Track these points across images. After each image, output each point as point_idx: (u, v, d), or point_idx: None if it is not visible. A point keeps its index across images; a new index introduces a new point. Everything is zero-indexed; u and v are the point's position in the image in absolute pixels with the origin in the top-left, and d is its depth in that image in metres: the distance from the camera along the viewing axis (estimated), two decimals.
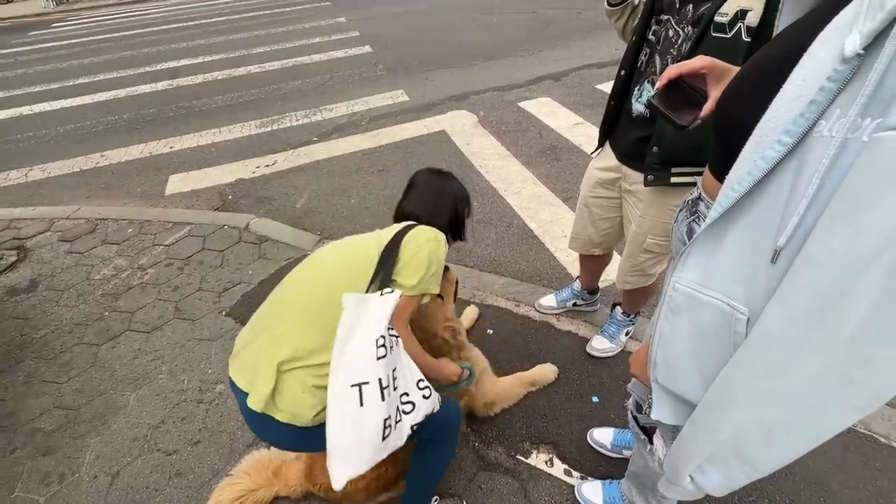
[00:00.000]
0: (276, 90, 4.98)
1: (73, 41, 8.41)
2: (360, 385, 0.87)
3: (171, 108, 4.77)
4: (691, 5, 1.01)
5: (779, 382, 0.40)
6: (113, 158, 3.82)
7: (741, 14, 0.90)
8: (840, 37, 0.35)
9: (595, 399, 1.64)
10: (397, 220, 1.24)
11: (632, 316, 1.78)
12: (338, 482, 0.86)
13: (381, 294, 0.97)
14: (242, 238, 2.60)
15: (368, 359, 0.88)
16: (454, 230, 1.26)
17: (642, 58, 1.17)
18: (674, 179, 1.17)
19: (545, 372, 1.69)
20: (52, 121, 4.68)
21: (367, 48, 6.17)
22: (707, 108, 0.72)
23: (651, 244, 1.36)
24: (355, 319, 0.91)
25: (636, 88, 1.21)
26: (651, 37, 1.14)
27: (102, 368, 1.88)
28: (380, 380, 0.88)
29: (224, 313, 2.11)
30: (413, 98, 4.48)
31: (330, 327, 0.91)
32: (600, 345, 1.79)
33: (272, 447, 1.43)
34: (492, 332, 1.94)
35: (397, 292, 0.97)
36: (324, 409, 0.91)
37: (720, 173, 0.57)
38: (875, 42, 0.32)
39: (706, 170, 0.70)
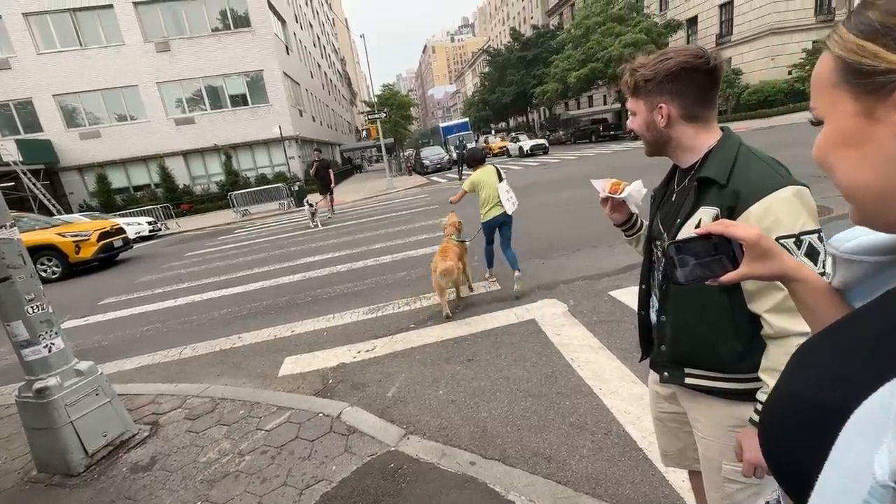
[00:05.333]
0: (385, 280, 5.73)
1: (245, 243, 11.00)
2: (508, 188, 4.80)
3: (300, 296, 5.68)
4: (666, 234, 1.17)
5: None
6: (247, 340, 4.50)
7: None
8: (868, 438, 0.31)
9: None
10: (478, 164, 4.96)
11: None
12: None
13: (502, 180, 4.73)
14: (333, 428, 2.68)
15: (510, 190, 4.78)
16: None
17: (651, 274, 1.31)
18: (688, 381, 1.16)
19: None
20: (213, 307, 5.83)
21: (466, 242, 7.01)
22: (730, 277, 0.70)
23: (730, 472, 1.15)
24: (507, 184, 4.79)
25: (651, 300, 1.30)
26: (653, 258, 1.29)
27: None
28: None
29: None
30: (504, 287, 4.78)
31: (495, 188, 4.69)
32: None
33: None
34: None
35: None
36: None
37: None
38: None
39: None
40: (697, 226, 1.03)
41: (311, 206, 11.84)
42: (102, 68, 21.25)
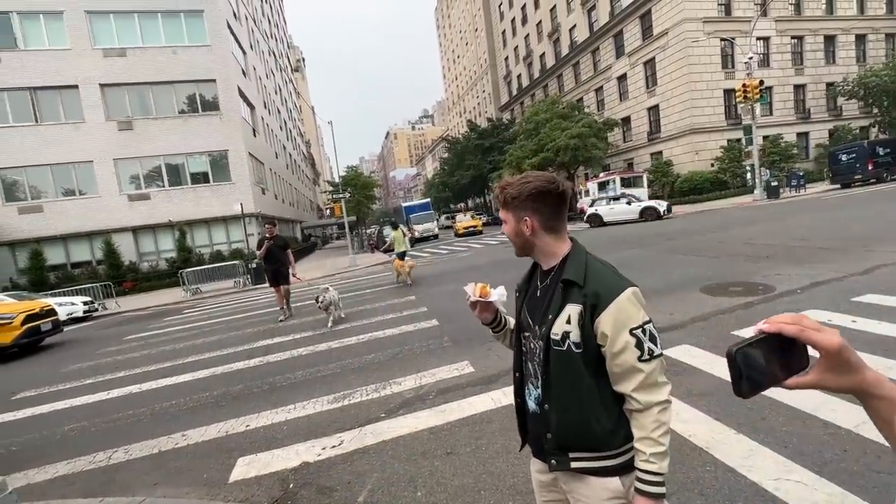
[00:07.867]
0: (351, 364, 5.40)
1: (193, 325, 10.23)
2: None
3: (256, 383, 5.21)
4: (537, 327, 1.29)
5: None
6: (192, 438, 3.97)
7: (566, 334, 1.20)
8: None
9: None
10: (395, 227, 12.47)
11: None
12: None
13: (405, 235, 12.35)
14: None
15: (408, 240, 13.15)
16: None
17: (523, 363, 1.40)
18: (574, 465, 1.24)
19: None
20: (154, 399, 5.20)
21: (434, 321, 6.89)
22: (799, 382, 0.61)
23: None
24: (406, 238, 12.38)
25: (526, 388, 1.38)
26: (523, 348, 1.39)
27: None
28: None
29: None
30: (478, 369, 4.63)
31: (402, 238, 11.85)
32: None
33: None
34: None
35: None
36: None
37: None
38: None
39: None
40: (568, 321, 1.20)
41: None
42: (56, 144, 20.85)
